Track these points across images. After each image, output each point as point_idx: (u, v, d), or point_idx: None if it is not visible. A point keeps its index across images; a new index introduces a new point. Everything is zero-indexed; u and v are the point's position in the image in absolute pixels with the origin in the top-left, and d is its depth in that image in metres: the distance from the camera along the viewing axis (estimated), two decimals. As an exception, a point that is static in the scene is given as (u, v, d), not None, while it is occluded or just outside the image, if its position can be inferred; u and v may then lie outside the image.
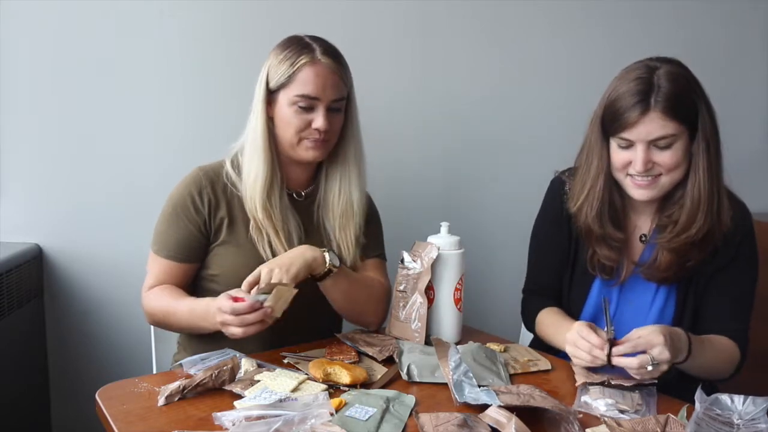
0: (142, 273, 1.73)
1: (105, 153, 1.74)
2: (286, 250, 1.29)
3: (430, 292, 1.31)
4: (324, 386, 1.07)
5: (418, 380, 1.13)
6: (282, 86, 1.30)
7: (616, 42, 2.15)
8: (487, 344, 1.29)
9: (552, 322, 1.34)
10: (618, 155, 1.24)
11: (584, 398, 1.07)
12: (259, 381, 1.07)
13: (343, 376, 1.09)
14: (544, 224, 1.44)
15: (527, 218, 1.49)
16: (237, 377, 1.09)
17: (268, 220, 1.31)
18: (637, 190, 1.23)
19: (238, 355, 1.17)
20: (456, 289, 1.30)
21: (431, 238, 1.32)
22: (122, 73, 1.72)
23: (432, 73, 2.00)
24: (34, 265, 1.69)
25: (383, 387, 1.11)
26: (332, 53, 1.32)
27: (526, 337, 1.56)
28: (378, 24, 1.92)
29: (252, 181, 1.32)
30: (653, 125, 1.17)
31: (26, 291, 1.65)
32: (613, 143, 1.24)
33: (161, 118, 1.77)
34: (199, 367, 1.12)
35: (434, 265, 1.30)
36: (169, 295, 1.32)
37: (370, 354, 1.22)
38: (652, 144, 1.18)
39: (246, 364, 1.13)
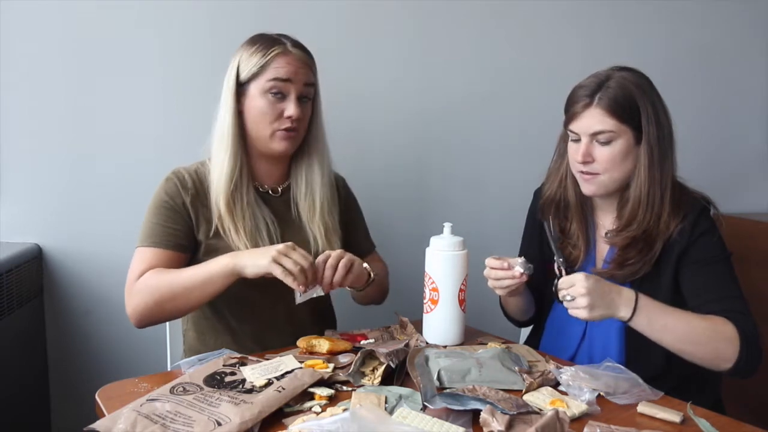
0: (141, 273, 1.73)
1: (105, 153, 1.73)
2: (248, 247, 1.29)
3: (434, 293, 1.30)
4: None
5: (448, 386, 1.06)
6: (254, 76, 1.31)
7: (616, 42, 2.15)
8: (489, 344, 1.29)
9: None
10: (571, 149, 1.31)
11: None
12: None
13: (324, 346, 1.19)
14: (526, 227, 1.51)
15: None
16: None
17: (229, 216, 1.30)
18: (584, 184, 1.30)
19: (230, 352, 1.17)
20: (460, 290, 1.30)
21: (434, 239, 1.32)
22: (123, 74, 1.72)
23: (432, 73, 2.00)
24: (34, 264, 1.69)
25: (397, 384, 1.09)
26: (301, 46, 1.36)
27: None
28: (376, 23, 1.92)
29: (217, 176, 1.31)
30: (594, 119, 1.24)
31: (26, 291, 1.65)
32: (569, 139, 1.31)
33: (162, 119, 1.76)
34: (197, 367, 1.12)
35: (439, 266, 1.30)
36: (169, 271, 1.26)
37: (376, 352, 1.15)
38: (594, 138, 1.25)
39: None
